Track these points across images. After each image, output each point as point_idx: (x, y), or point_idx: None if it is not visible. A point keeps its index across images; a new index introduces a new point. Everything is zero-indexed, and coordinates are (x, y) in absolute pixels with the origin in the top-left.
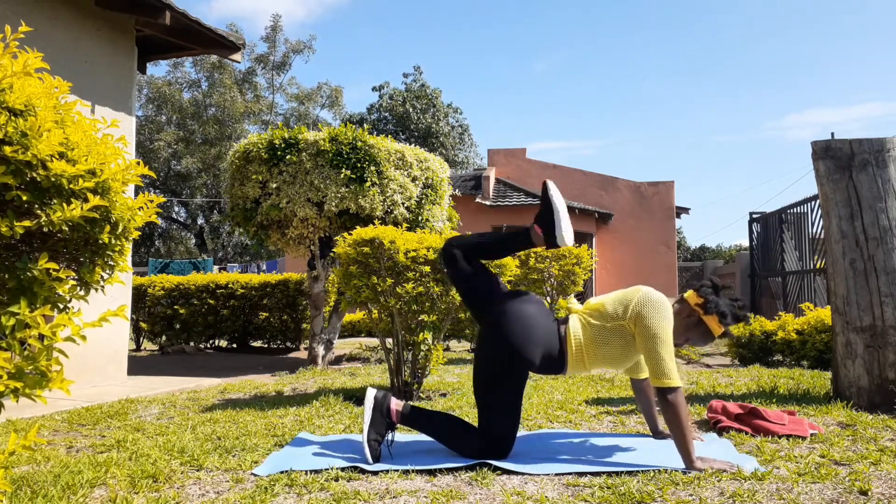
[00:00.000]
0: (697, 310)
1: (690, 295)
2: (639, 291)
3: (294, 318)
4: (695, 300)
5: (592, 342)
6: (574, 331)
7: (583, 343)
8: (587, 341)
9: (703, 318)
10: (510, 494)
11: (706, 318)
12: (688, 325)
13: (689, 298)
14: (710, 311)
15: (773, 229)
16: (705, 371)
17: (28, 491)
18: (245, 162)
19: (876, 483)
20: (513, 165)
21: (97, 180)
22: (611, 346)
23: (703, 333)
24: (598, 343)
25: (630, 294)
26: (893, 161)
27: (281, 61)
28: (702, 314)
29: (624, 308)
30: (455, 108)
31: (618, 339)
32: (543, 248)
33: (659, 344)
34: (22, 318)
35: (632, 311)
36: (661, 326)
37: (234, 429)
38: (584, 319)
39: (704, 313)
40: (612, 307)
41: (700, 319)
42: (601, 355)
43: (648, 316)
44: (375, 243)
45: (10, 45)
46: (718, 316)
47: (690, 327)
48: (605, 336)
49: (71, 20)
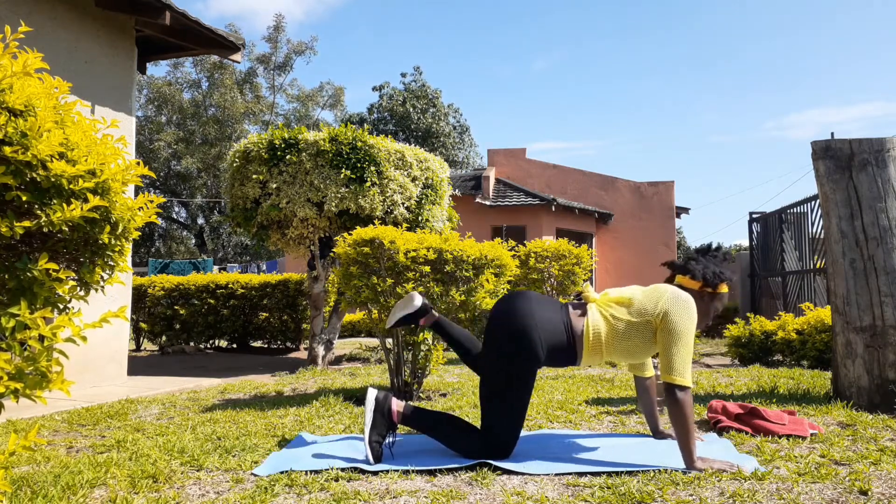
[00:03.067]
0: (705, 290)
1: (688, 281)
2: (668, 289)
3: (294, 319)
4: (696, 284)
5: (615, 336)
6: (594, 324)
7: (602, 336)
8: (609, 335)
9: (714, 293)
10: (510, 494)
11: (717, 290)
12: (706, 305)
13: (689, 285)
14: (716, 283)
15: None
16: (705, 371)
17: (28, 491)
18: (245, 162)
19: (876, 483)
20: (513, 165)
21: (97, 180)
22: (633, 340)
23: (721, 299)
24: (620, 337)
25: (660, 291)
26: (893, 161)
27: (283, 62)
28: (710, 291)
29: (654, 304)
30: (455, 109)
31: (642, 335)
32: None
33: (680, 342)
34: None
35: (661, 307)
36: (687, 326)
37: (234, 429)
38: (607, 312)
39: (713, 289)
40: (641, 303)
41: (711, 294)
42: (621, 348)
43: (677, 313)
44: (375, 243)
45: (10, 46)
46: (722, 281)
47: (708, 306)
48: (631, 331)
49: (71, 20)
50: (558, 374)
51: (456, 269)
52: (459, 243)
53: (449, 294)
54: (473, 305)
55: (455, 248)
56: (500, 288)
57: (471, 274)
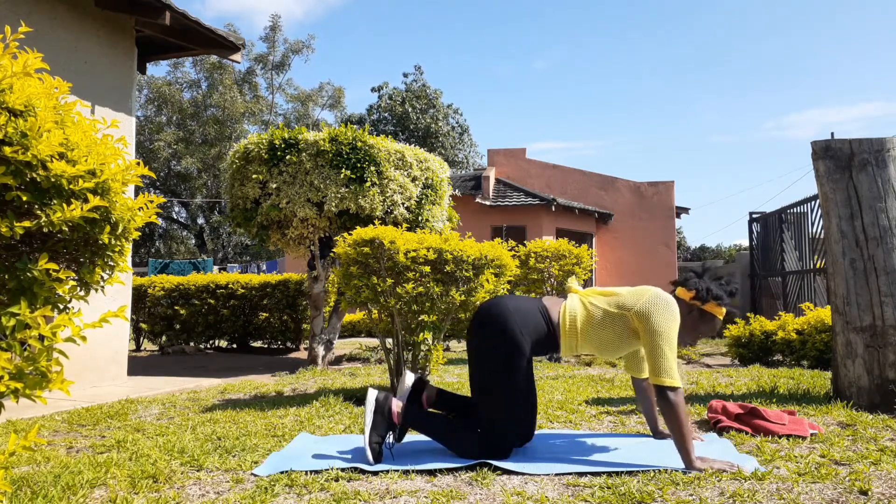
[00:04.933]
0: (695, 303)
1: (681, 292)
2: (650, 290)
3: (294, 319)
4: (688, 295)
5: (590, 323)
6: (571, 308)
7: (578, 322)
8: (584, 321)
9: (704, 309)
10: (510, 494)
11: (707, 308)
12: (693, 321)
13: (682, 295)
14: (707, 299)
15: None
16: (705, 371)
17: (28, 491)
18: (245, 162)
19: (876, 483)
20: (513, 165)
21: (97, 181)
22: (606, 330)
23: (710, 321)
24: (596, 325)
25: (643, 291)
26: (893, 161)
27: (280, 61)
28: (700, 305)
29: (634, 301)
30: (455, 109)
31: (616, 327)
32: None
33: (663, 342)
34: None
35: (641, 306)
36: (668, 326)
37: (234, 429)
38: (585, 300)
39: (702, 304)
40: (623, 298)
41: (701, 310)
42: (594, 337)
43: (656, 313)
44: (375, 243)
45: (10, 46)
46: (715, 300)
47: (696, 321)
48: (606, 320)
49: (71, 20)
50: (558, 374)
51: (456, 269)
52: (459, 243)
53: (449, 294)
54: (473, 305)
55: (455, 248)
56: (500, 288)
57: (471, 274)
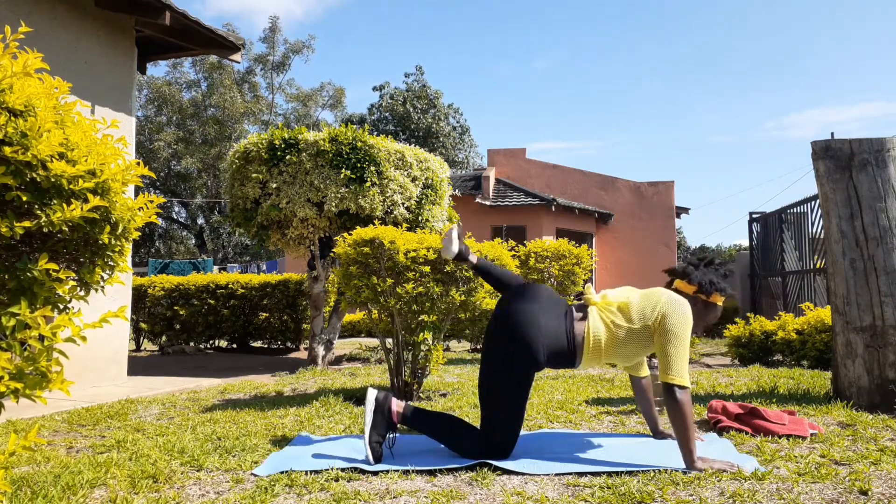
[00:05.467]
0: (699, 297)
1: (682, 285)
2: (665, 293)
3: (294, 319)
4: (690, 288)
5: (614, 343)
6: (594, 330)
7: (603, 343)
8: (609, 340)
9: (707, 300)
10: (510, 494)
11: (710, 299)
12: (699, 314)
13: (684, 289)
14: (710, 291)
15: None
16: (705, 371)
17: (28, 491)
18: (245, 162)
19: (876, 483)
20: (513, 165)
21: (97, 181)
22: (631, 345)
23: (713, 310)
24: (620, 344)
25: (657, 295)
26: (893, 161)
27: (280, 61)
28: (704, 298)
29: (652, 308)
30: (455, 109)
31: (640, 340)
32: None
33: (677, 343)
34: (22, 318)
35: (658, 311)
36: (683, 328)
37: (234, 429)
38: (608, 319)
39: (706, 296)
40: (638, 308)
41: (705, 302)
42: (619, 354)
43: (674, 315)
44: (375, 243)
45: (10, 46)
46: (718, 292)
47: (701, 314)
48: (631, 337)
49: (71, 20)
50: (558, 374)
51: (456, 268)
52: None
53: (449, 294)
54: (473, 305)
55: None
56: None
57: (471, 274)
